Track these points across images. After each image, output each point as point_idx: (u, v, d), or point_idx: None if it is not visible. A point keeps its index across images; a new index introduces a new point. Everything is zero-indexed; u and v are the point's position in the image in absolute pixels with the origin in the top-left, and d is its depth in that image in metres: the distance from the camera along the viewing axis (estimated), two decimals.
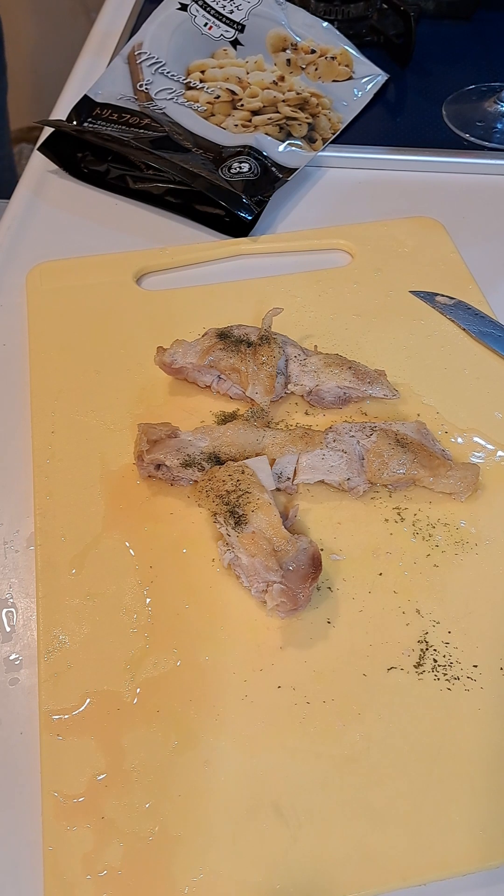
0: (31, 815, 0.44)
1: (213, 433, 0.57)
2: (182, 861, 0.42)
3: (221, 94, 0.88)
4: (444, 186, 0.84)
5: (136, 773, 0.44)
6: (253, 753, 0.45)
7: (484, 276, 0.73)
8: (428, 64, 0.97)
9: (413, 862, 0.42)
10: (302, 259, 0.76)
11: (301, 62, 0.91)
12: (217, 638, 0.50)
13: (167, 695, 0.47)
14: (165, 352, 0.62)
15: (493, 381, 0.64)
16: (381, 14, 0.98)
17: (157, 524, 0.55)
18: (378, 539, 0.54)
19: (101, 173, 0.83)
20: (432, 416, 0.61)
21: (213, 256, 0.76)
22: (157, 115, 0.85)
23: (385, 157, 0.86)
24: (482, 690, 0.47)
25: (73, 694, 0.47)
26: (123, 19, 1.06)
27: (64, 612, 0.51)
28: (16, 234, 0.79)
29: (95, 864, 0.42)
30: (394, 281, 0.72)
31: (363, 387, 0.61)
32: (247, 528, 0.51)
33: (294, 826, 0.43)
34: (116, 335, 0.68)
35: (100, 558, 0.53)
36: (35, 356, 0.66)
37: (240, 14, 0.92)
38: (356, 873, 0.41)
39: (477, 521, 0.55)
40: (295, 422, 0.62)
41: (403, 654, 0.49)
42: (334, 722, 0.46)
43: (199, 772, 0.45)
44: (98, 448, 0.60)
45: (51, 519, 0.55)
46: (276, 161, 0.82)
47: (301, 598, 0.49)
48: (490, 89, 0.93)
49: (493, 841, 0.42)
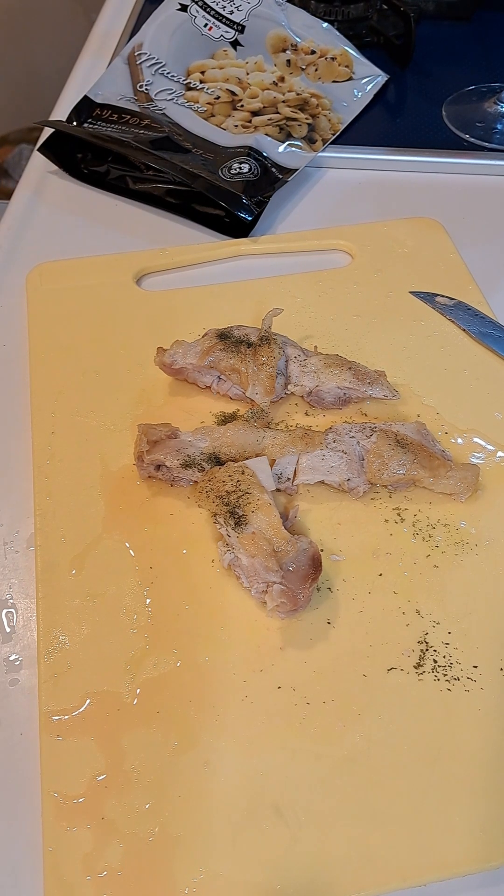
0: (31, 816, 0.44)
1: (213, 434, 0.57)
2: (182, 861, 0.42)
3: (221, 95, 0.88)
4: (444, 187, 0.84)
5: (136, 773, 0.44)
6: (253, 754, 0.45)
7: (484, 276, 0.73)
8: (428, 64, 0.98)
9: (413, 862, 0.42)
10: (302, 259, 0.76)
11: (301, 63, 0.91)
12: (217, 638, 0.50)
13: (167, 695, 0.47)
14: (165, 352, 0.62)
15: (493, 382, 0.64)
16: (380, 15, 0.98)
17: (157, 525, 0.55)
18: (378, 540, 0.54)
19: (101, 174, 0.83)
20: (432, 417, 0.61)
21: (213, 257, 0.76)
22: (157, 116, 0.85)
23: (385, 158, 0.86)
24: (482, 691, 0.47)
25: (73, 694, 0.47)
26: (123, 20, 1.06)
27: (64, 612, 0.51)
28: (16, 234, 0.79)
29: (95, 865, 0.42)
30: (394, 281, 0.72)
31: (363, 387, 0.61)
32: (247, 528, 0.51)
33: (294, 826, 0.43)
34: (116, 336, 0.68)
35: (100, 559, 0.53)
36: (35, 357, 0.66)
37: (240, 15, 0.92)
38: (356, 873, 0.41)
39: (477, 521, 0.55)
40: (295, 422, 0.62)
41: (403, 654, 0.49)
42: (334, 722, 0.46)
43: (199, 772, 0.45)
44: (98, 449, 0.60)
45: (51, 519, 0.55)
46: (276, 162, 0.82)
47: (301, 598, 0.49)
48: (490, 90, 0.93)
49: (493, 841, 0.42)
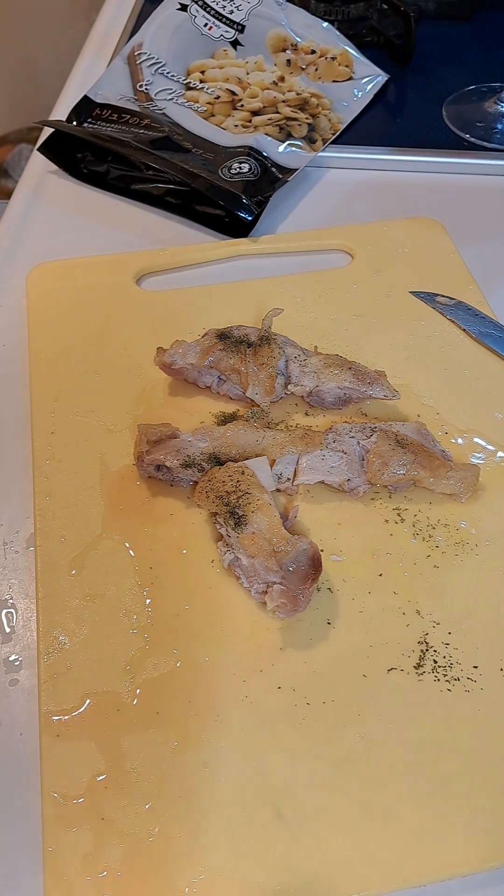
0: (31, 816, 0.44)
1: (213, 434, 0.57)
2: (182, 861, 0.42)
3: (221, 95, 0.88)
4: (444, 187, 0.84)
5: (136, 773, 0.44)
6: (253, 754, 0.45)
7: (484, 276, 0.73)
8: (428, 64, 0.97)
9: (413, 863, 0.42)
10: (302, 260, 0.76)
11: (301, 62, 0.91)
12: (217, 639, 0.50)
13: (167, 696, 0.47)
14: (165, 352, 0.62)
15: (494, 382, 0.64)
16: (381, 14, 0.98)
17: (157, 525, 0.55)
18: (378, 540, 0.54)
19: (100, 174, 0.83)
20: (432, 417, 0.61)
21: (213, 257, 0.76)
22: (157, 116, 0.85)
23: (385, 158, 0.86)
24: (482, 691, 0.47)
25: (73, 695, 0.47)
26: (123, 20, 1.06)
27: (64, 613, 0.51)
28: (16, 234, 0.79)
29: (95, 865, 0.42)
30: (394, 281, 0.72)
31: (363, 387, 0.61)
32: (247, 528, 0.51)
33: (294, 826, 0.43)
34: (116, 336, 0.68)
35: (100, 559, 0.53)
36: (35, 357, 0.66)
37: (240, 14, 0.92)
38: (356, 874, 0.41)
39: (477, 521, 0.55)
40: (295, 422, 0.62)
41: (403, 654, 0.49)
42: (334, 723, 0.46)
43: (198, 772, 0.45)
44: (98, 449, 0.60)
45: (50, 520, 0.55)
46: (276, 161, 0.82)
47: (301, 598, 0.49)
48: (490, 90, 0.93)
49: (494, 842, 0.42)
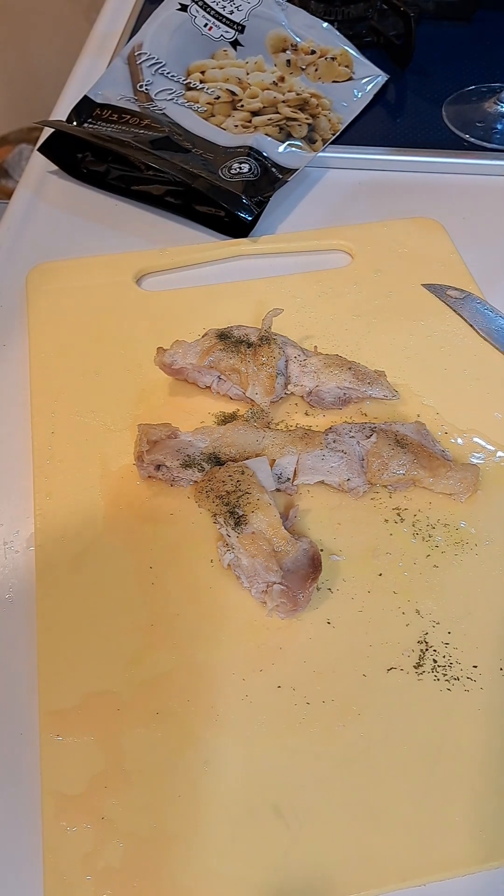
0: (31, 815, 0.44)
1: (212, 434, 0.57)
2: (182, 861, 0.42)
3: (221, 95, 0.88)
4: (443, 187, 0.84)
5: (136, 773, 0.44)
6: (253, 753, 0.45)
7: (484, 276, 0.73)
8: (428, 64, 0.97)
9: (412, 862, 0.42)
10: (302, 260, 0.76)
11: (301, 63, 0.91)
12: (217, 638, 0.50)
13: (167, 695, 0.47)
14: (165, 352, 0.62)
15: (494, 382, 0.64)
16: (380, 15, 0.98)
17: (157, 525, 0.55)
18: (378, 540, 0.54)
19: (100, 174, 0.83)
20: (432, 417, 0.61)
21: (213, 257, 0.76)
22: (157, 116, 0.85)
23: (385, 158, 0.86)
24: (482, 691, 0.47)
25: (73, 694, 0.47)
26: (123, 20, 1.06)
27: (64, 612, 0.51)
28: (16, 234, 0.79)
29: (95, 864, 0.42)
30: (394, 281, 0.72)
31: (363, 387, 0.61)
32: (247, 528, 0.51)
33: (294, 826, 0.43)
34: (116, 336, 0.68)
35: (100, 559, 0.53)
36: (35, 357, 0.66)
37: (240, 15, 0.92)
38: (356, 873, 0.41)
39: (477, 521, 0.55)
40: (295, 422, 0.62)
41: (403, 654, 0.49)
42: (334, 722, 0.46)
43: (198, 772, 0.45)
44: (98, 449, 0.60)
45: (51, 519, 0.56)
46: (276, 162, 0.82)
47: (301, 598, 0.49)
48: (490, 90, 0.93)
49: (493, 842, 0.42)
